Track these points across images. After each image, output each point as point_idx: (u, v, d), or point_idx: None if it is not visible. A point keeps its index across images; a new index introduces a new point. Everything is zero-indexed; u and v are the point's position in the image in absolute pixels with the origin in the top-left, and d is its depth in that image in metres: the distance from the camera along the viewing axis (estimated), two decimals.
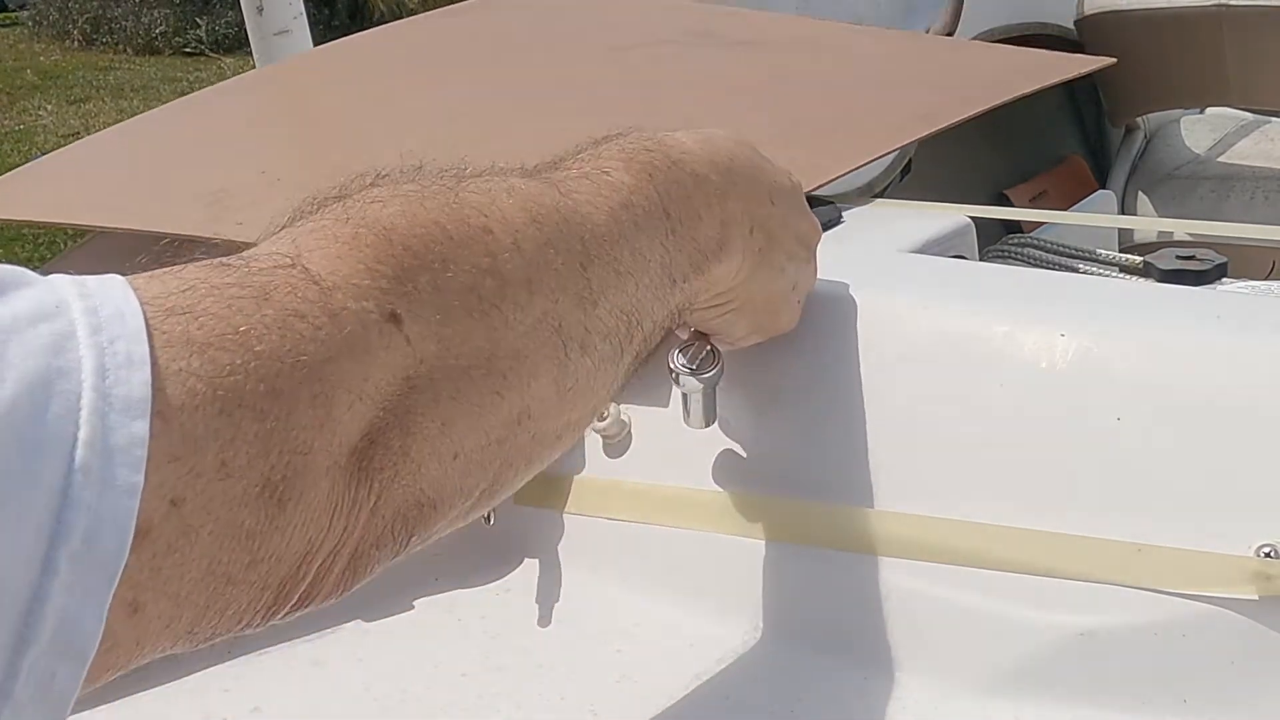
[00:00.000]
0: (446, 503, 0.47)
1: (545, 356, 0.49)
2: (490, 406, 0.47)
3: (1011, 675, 0.58)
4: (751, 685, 0.60)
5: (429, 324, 0.45)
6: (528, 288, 0.48)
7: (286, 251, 0.44)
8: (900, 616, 0.61)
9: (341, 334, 0.42)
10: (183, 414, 0.37)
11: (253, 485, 0.39)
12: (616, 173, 0.55)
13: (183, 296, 0.40)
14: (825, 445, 0.68)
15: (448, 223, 0.47)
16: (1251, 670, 0.55)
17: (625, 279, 0.53)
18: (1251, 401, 0.60)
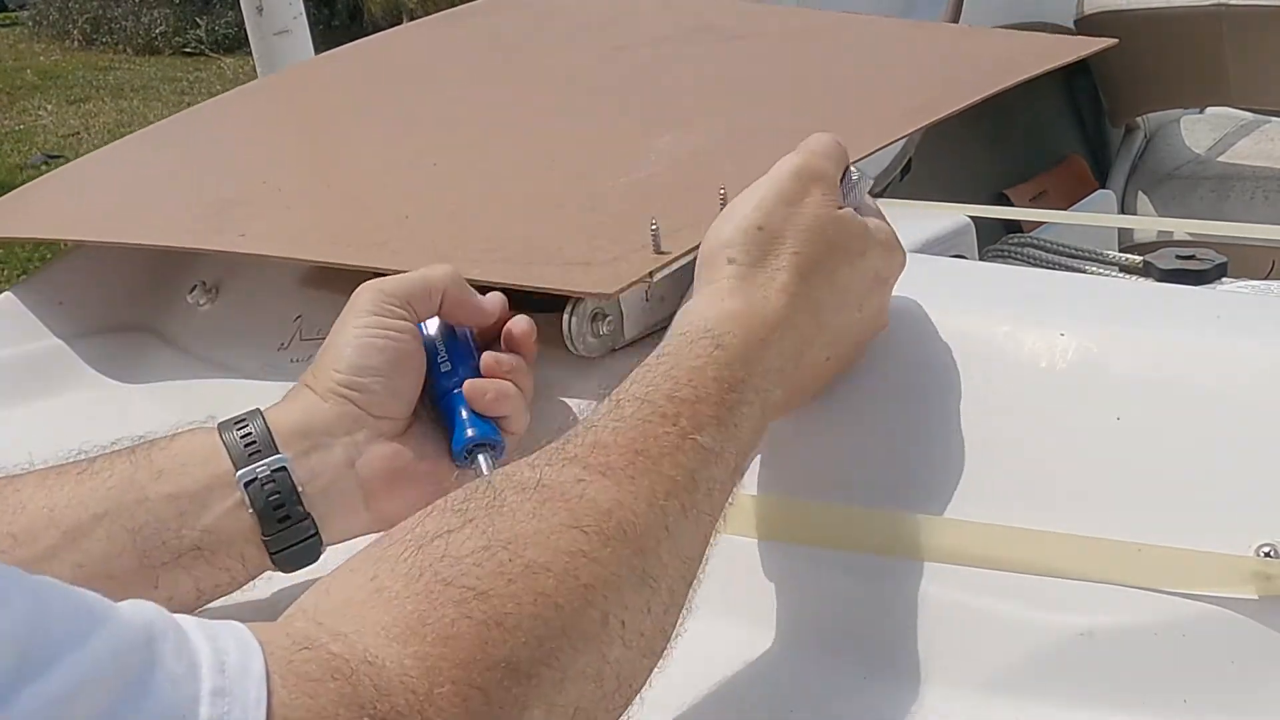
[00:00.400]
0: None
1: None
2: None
3: (1011, 675, 0.58)
4: (752, 685, 0.60)
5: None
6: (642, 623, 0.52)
7: (419, 682, 0.43)
8: (900, 616, 0.61)
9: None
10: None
11: None
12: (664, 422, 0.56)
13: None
14: (824, 445, 0.68)
15: (563, 598, 0.48)
16: (1251, 670, 0.55)
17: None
18: (1251, 401, 0.60)
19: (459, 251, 0.82)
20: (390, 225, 0.89)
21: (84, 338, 1.04)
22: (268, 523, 0.64)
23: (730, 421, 0.57)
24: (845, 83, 1.10)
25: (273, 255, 0.90)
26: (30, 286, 1.08)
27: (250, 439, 0.65)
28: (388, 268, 0.82)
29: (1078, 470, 0.61)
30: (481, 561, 0.47)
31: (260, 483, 0.64)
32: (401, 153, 1.05)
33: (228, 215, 0.97)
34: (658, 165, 0.91)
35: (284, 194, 1.00)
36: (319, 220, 0.95)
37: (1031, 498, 0.61)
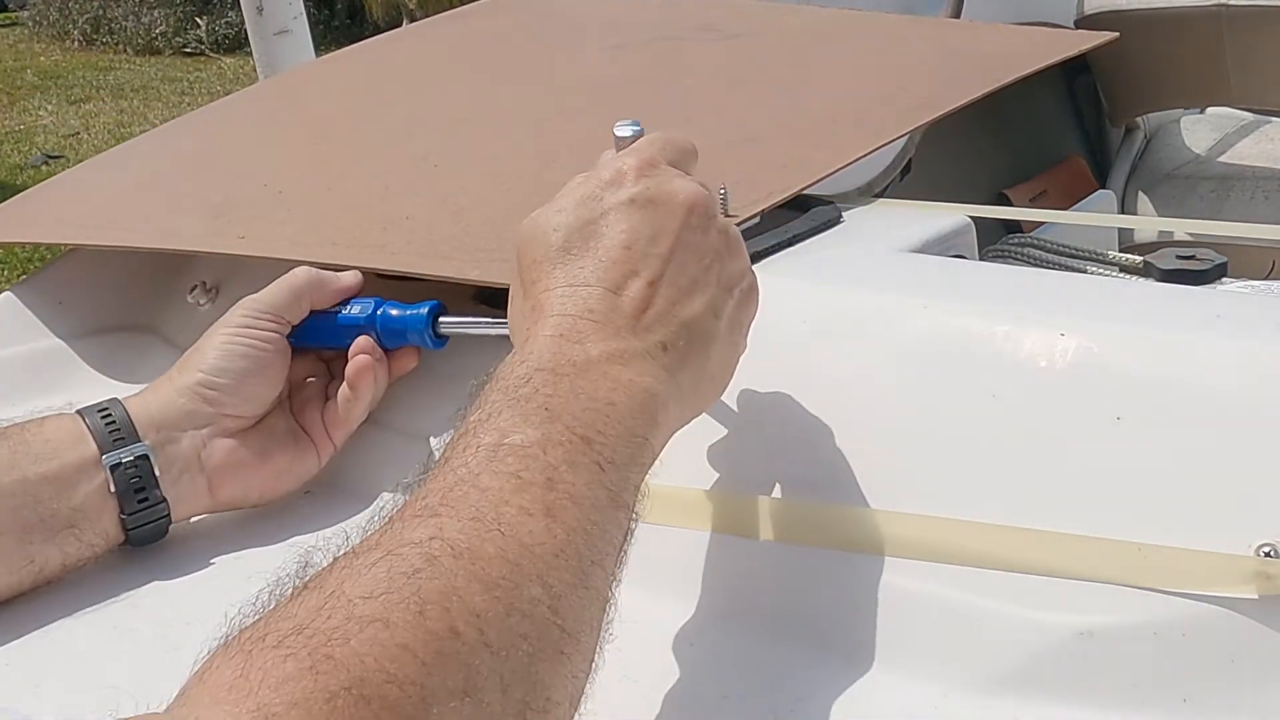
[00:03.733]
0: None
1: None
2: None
3: (1011, 675, 0.58)
4: (751, 685, 0.60)
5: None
6: (502, 688, 0.45)
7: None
8: (900, 616, 0.61)
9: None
10: None
11: None
12: (519, 433, 0.52)
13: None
14: (825, 445, 0.68)
15: (417, 645, 0.43)
16: (1251, 670, 0.55)
17: (590, 575, 0.50)
18: (1251, 401, 0.60)
19: (460, 253, 0.82)
20: (391, 226, 0.89)
21: (84, 338, 1.05)
22: (128, 503, 0.72)
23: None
24: (846, 80, 1.10)
25: (273, 257, 0.90)
26: (30, 286, 1.08)
27: (113, 425, 0.73)
28: (388, 269, 0.82)
29: (1078, 470, 0.61)
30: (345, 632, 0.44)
31: (124, 467, 0.72)
32: (402, 154, 1.05)
33: (228, 217, 0.97)
34: None
35: (285, 196, 1.00)
36: (319, 222, 0.95)
37: (1032, 498, 0.61)
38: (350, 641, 0.42)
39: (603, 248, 0.58)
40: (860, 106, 1.02)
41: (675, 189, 0.60)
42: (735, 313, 0.62)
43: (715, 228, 0.61)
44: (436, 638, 0.44)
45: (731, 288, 0.62)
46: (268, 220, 0.96)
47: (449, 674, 0.43)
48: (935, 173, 1.31)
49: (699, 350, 0.59)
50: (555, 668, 0.47)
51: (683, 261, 0.59)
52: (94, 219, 1.09)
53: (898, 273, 0.78)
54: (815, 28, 1.23)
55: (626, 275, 0.58)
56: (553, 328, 0.56)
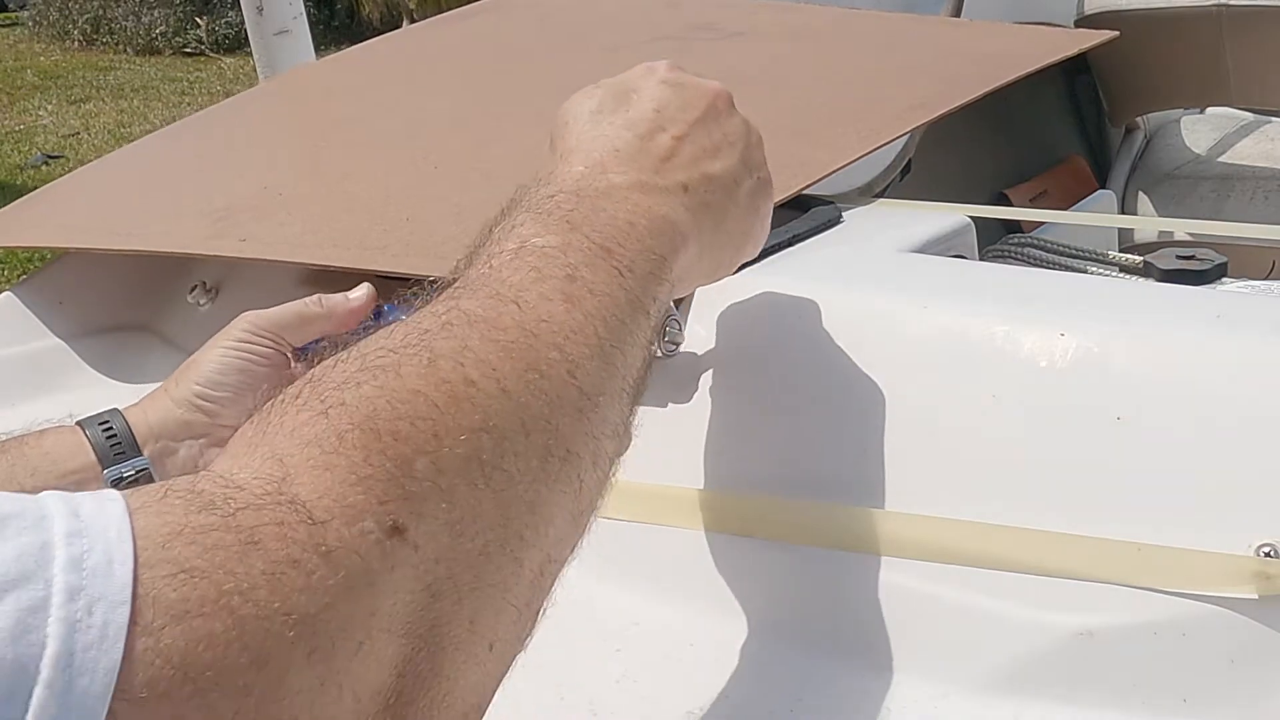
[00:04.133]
0: (490, 694, 0.45)
1: (559, 492, 0.47)
2: (513, 577, 0.45)
3: (1011, 675, 0.58)
4: (751, 685, 0.60)
5: (435, 518, 0.42)
6: (524, 430, 0.46)
7: (272, 474, 0.40)
8: (900, 616, 0.61)
9: (337, 576, 0.38)
10: (149, 702, 0.34)
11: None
12: (541, 238, 0.54)
13: (169, 546, 0.36)
14: (825, 445, 0.68)
15: (429, 389, 0.44)
16: (1251, 670, 0.55)
17: (610, 355, 0.51)
18: (1251, 401, 0.60)
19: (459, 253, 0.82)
20: (391, 228, 0.89)
21: (84, 338, 1.05)
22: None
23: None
24: (847, 79, 1.10)
25: (274, 260, 0.90)
26: (30, 286, 1.08)
27: (114, 438, 0.72)
28: (388, 270, 0.82)
29: (1078, 470, 0.61)
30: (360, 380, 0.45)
31: (125, 482, 0.71)
32: (402, 155, 1.05)
33: (229, 220, 0.97)
34: None
35: (285, 198, 1.00)
36: (320, 224, 0.95)
37: (1032, 498, 0.61)
38: (362, 387, 0.43)
39: (634, 109, 0.62)
40: (860, 106, 1.02)
41: (703, 81, 0.64)
42: (753, 191, 0.64)
43: (740, 117, 0.64)
44: (449, 383, 0.45)
45: (752, 170, 0.64)
46: (268, 223, 0.96)
47: (463, 414, 0.44)
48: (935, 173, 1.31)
49: (719, 202, 0.61)
50: (575, 424, 0.48)
51: (709, 129, 0.62)
52: (96, 222, 1.09)
53: (898, 273, 0.78)
54: (815, 27, 1.23)
55: (654, 129, 0.61)
56: (580, 160, 0.59)
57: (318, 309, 0.78)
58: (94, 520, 0.36)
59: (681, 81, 0.63)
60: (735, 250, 0.65)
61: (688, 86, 0.63)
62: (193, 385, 0.75)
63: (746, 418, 0.71)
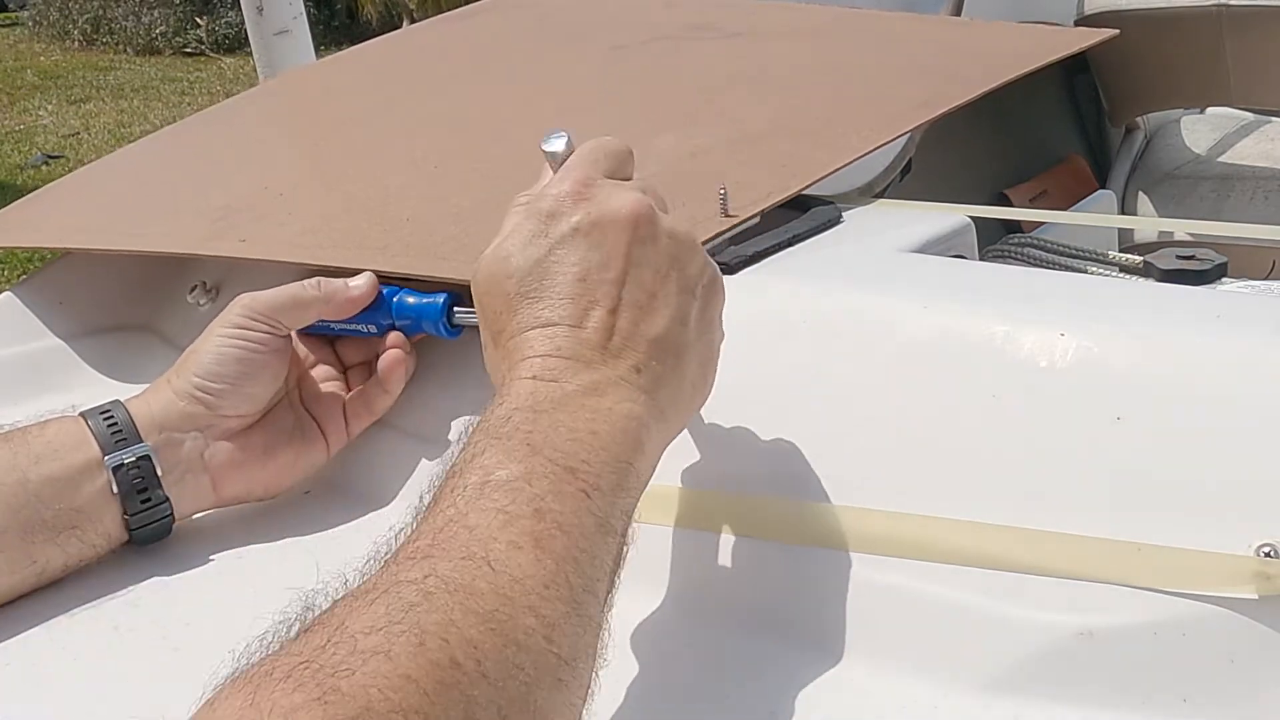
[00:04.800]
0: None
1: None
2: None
3: (1011, 675, 0.58)
4: (751, 685, 0.60)
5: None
6: (499, 713, 0.45)
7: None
8: (900, 616, 0.61)
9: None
10: None
11: None
12: (504, 468, 0.52)
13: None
14: (825, 445, 0.68)
15: (420, 675, 0.44)
16: (1251, 670, 0.55)
17: (583, 603, 0.51)
18: (1251, 401, 0.60)
19: (460, 254, 0.82)
20: (391, 228, 0.89)
21: (84, 338, 1.05)
22: (131, 503, 0.73)
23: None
24: (847, 78, 1.10)
25: (273, 260, 0.90)
26: (30, 286, 1.08)
27: (115, 427, 0.73)
28: (388, 270, 0.82)
29: (1078, 470, 0.61)
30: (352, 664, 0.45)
31: (126, 468, 0.73)
32: (402, 155, 1.05)
33: (229, 220, 0.97)
34: (657, 166, 0.91)
35: (285, 198, 1.00)
36: (320, 224, 0.95)
37: (1032, 498, 0.61)
38: (355, 674, 0.43)
39: (558, 285, 0.58)
40: (860, 106, 1.02)
41: (616, 207, 0.59)
42: (702, 314, 0.62)
43: (664, 234, 0.60)
44: (438, 668, 0.44)
45: (693, 289, 0.61)
46: (268, 223, 0.96)
47: (450, 704, 0.44)
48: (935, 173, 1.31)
49: (673, 364, 0.59)
50: (553, 695, 0.48)
51: (638, 280, 0.59)
52: (96, 223, 1.09)
53: (898, 273, 0.78)
54: (815, 26, 1.23)
55: (586, 308, 0.58)
56: (526, 370, 0.57)
57: (315, 292, 0.78)
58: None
59: (595, 221, 0.59)
60: (700, 394, 0.63)
61: (602, 227, 0.59)
62: (191, 377, 0.75)
63: (745, 417, 0.71)
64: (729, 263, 0.78)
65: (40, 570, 0.71)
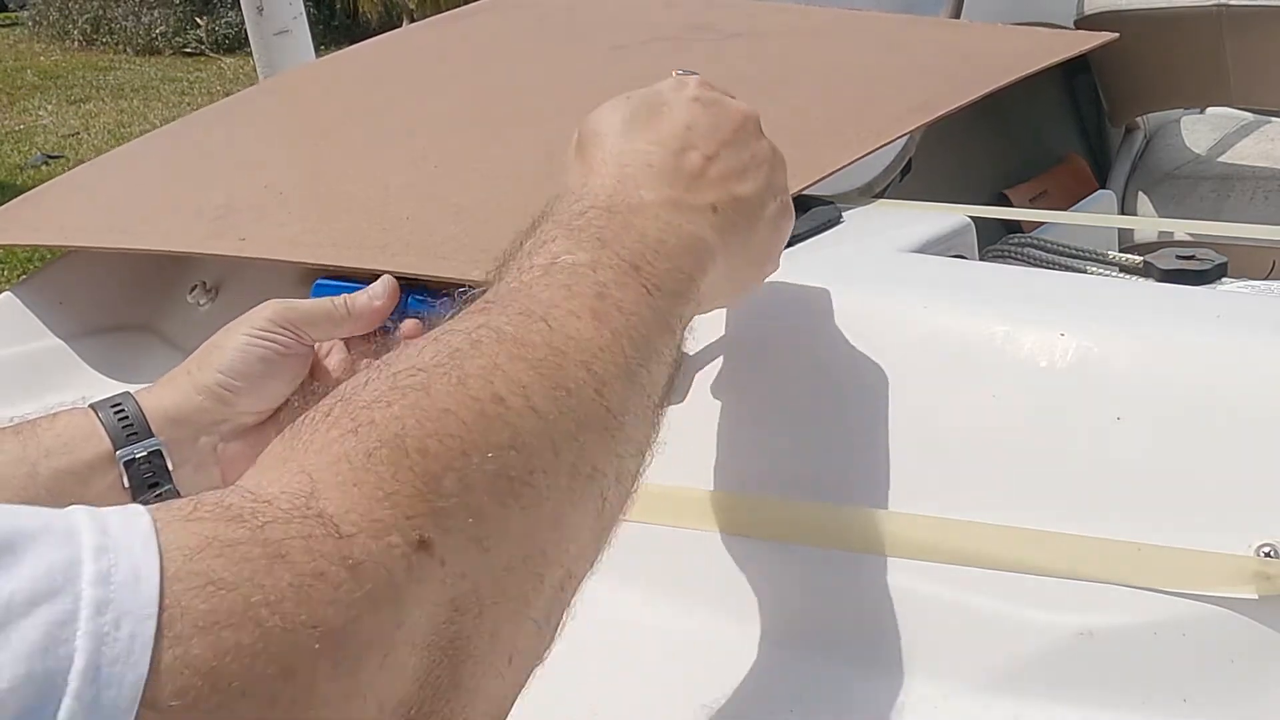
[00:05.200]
0: (509, 706, 0.45)
1: (583, 509, 0.48)
2: (535, 592, 0.45)
3: (1011, 675, 0.58)
4: (751, 685, 0.60)
5: (462, 533, 0.42)
6: (553, 448, 0.46)
7: (301, 489, 0.41)
8: (900, 616, 0.61)
9: (363, 589, 0.38)
10: (178, 711, 0.34)
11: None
12: (571, 255, 0.54)
13: (197, 559, 0.36)
14: (825, 445, 0.68)
15: (458, 407, 0.44)
16: (1251, 670, 0.55)
17: (636, 373, 0.52)
18: (1251, 401, 0.60)
19: (460, 253, 0.82)
20: (391, 227, 0.89)
21: (84, 338, 1.05)
22: (142, 497, 0.71)
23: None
24: (847, 79, 1.10)
25: (273, 259, 0.90)
26: (30, 286, 1.08)
27: (126, 420, 0.72)
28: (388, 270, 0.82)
29: (1078, 470, 0.61)
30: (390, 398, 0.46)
31: (138, 462, 0.72)
32: (402, 154, 1.05)
33: (229, 220, 0.97)
34: None
35: (285, 198, 1.00)
36: (320, 223, 0.95)
37: (1032, 498, 0.61)
38: (392, 406, 0.44)
39: (665, 124, 0.62)
40: (860, 106, 1.02)
41: (734, 102, 0.65)
42: (776, 215, 0.64)
43: (766, 141, 0.64)
44: (479, 401, 0.45)
45: (776, 191, 0.64)
46: (268, 222, 0.96)
47: (492, 431, 0.45)
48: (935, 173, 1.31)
49: (746, 222, 0.62)
50: (601, 442, 0.49)
51: (737, 153, 0.62)
52: (95, 222, 1.09)
53: (898, 273, 0.78)
54: (815, 27, 1.23)
55: (685, 147, 0.61)
56: (611, 175, 0.59)
57: (344, 312, 0.79)
58: (121, 535, 0.37)
59: (713, 100, 0.64)
60: (758, 270, 0.66)
61: (719, 106, 0.64)
62: (214, 374, 0.75)
63: (747, 418, 0.71)
64: None
65: None
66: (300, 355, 0.77)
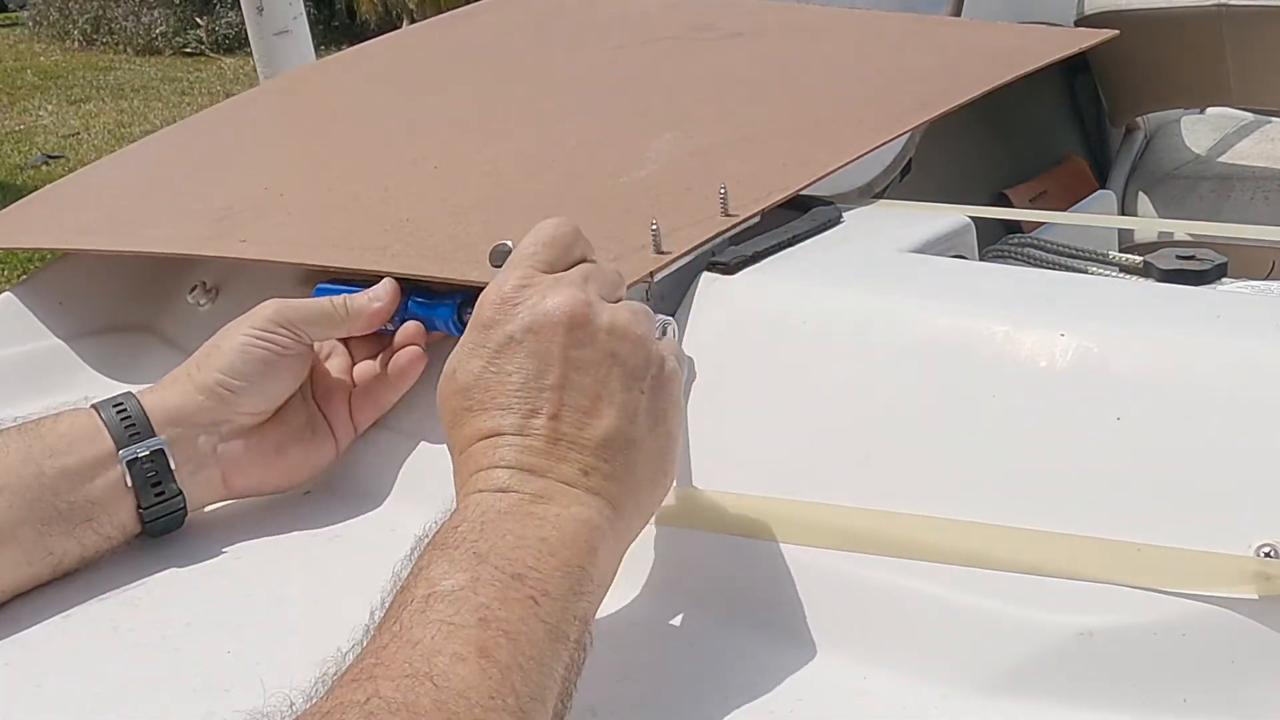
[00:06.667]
0: None
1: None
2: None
3: (1011, 675, 0.58)
4: (751, 685, 0.60)
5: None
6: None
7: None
8: (901, 616, 0.61)
9: None
10: None
11: None
12: (449, 578, 0.52)
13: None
14: (825, 445, 0.68)
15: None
16: (1251, 670, 0.55)
17: (531, 705, 0.49)
18: (1251, 401, 0.60)
19: (460, 254, 0.82)
20: (391, 228, 0.89)
21: (84, 338, 1.05)
22: (145, 496, 0.73)
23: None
24: (847, 78, 1.10)
25: (273, 260, 0.90)
26: (30, 286, 1.08)
27: (128, 419, 0.73)
28: (388, 271, 0.82)
29: (1078, 470, 0.61)
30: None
31: (140, 462, 0.73)
32: (402, 155, 1.05)
33: (229, 221, 0.97)
34: (658, 165, 0.91)
35: (285, 199, 1.00)
36: (320, 224, 0.95)
37: (1032, 498, 0.61)
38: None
39: (498, 396, 0.58)
40: (860, 106, 1.02)
41: (550, 309, 0.59)
42: (652, 405, 0.60)
43: (602, 331, 0.59)
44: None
45: (638, 383, 0.60)
46: (269, 223, 0.96)
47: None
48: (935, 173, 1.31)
49: (623, 463, 0.59)
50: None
51: (578, 383, 0.58)
52: (96, 224, 1.09)
53: (898, 273, 0.78)
54: (815, 26, 1.23)
55: (527, 416, 0.58)
56: (474, 484, 0.57)
57: (344, 313, 0.79)
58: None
59: (528, 326, 0.59)
60: (659, 486, 0.62)
61: (538, 332, 0.58)
62: (214, 373, 0.76)
63: (746, 418, 0.71)
64: (729, 262, 0.78)
65: (57, 562, 0.71)
66: (299, 356, 0.77)
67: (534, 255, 0.62)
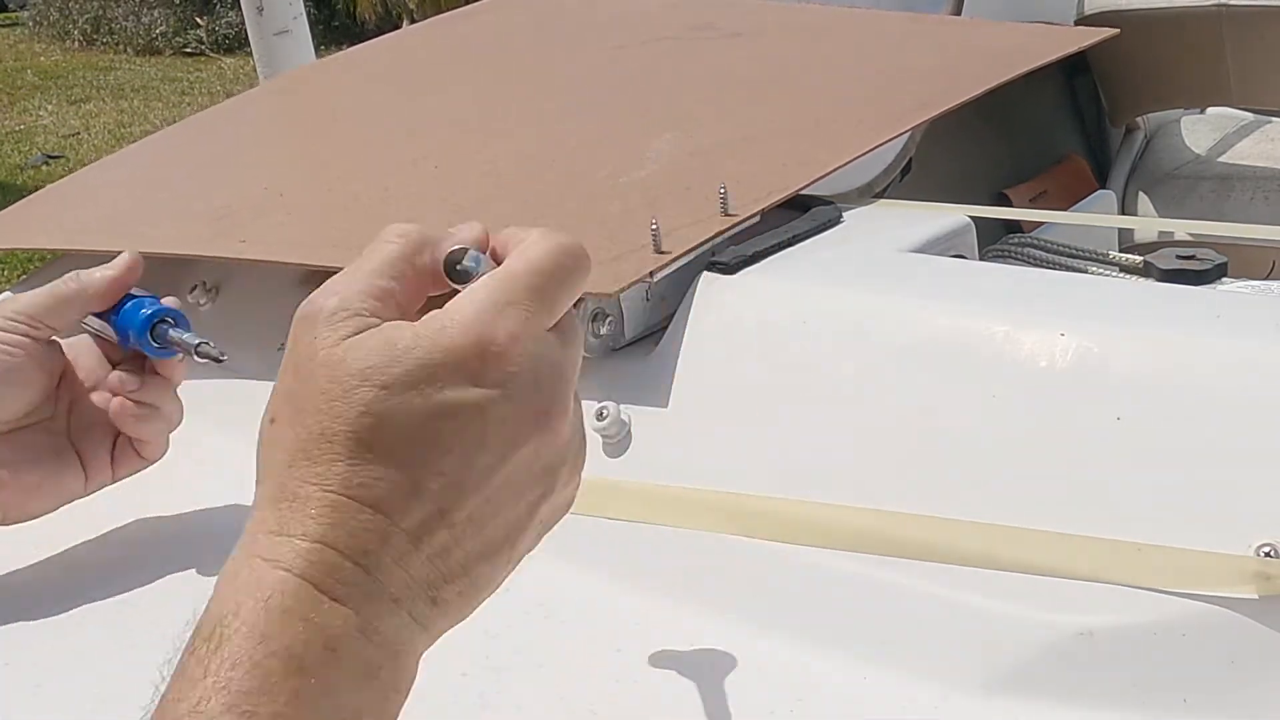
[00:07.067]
0: None
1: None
2: None
3: (1011, 675, 0.58)
4: (751, 685, 0.60)
5: None
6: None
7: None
8: (900, 616, 0.61)
9: None
10: None
11: None
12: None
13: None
14: (825, 445, 0.68)
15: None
16: (1251, 670, 0.55)
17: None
18: (1251, 401, 0.60)
19: None
20: None
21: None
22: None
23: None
24: (847, 78, 1.10)
25: (273, 260, 0.90)
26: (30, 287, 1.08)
27: None
28: None
29: (1078, 470, 0.61)
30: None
31: None
32: (402, 155, 1.05)
33: (230, 220, 0.97)
34: (657, 165, 0.91)
35: (285, 199, 1.00)
36: (320, 224, 0.95)
37: (1032, 498, 0.61)
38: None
39: (417, 470, 0.44)
40: (860, 105, 1.02)
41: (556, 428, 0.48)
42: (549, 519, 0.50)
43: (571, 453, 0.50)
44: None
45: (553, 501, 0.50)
46: (269, 224, 0.96)
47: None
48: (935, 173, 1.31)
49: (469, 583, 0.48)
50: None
51: (504, 493, 0.47)
52: (97, 224, 1.09)
53: (898, 273, 0.78)
54: (815, 26, 1.23)
55: (435, 515, 0.44)
56: (287, 550, 0.43)
57: (74, 285, 0.73)
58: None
59: (511, 416, 0.44)
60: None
61: (516, 424, 0.44)
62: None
63: (746, 417, 0.71)
64: (729, 262, 0.78)
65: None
66: (35, 359, 0.72)
67: (538, 291, 0.46)
